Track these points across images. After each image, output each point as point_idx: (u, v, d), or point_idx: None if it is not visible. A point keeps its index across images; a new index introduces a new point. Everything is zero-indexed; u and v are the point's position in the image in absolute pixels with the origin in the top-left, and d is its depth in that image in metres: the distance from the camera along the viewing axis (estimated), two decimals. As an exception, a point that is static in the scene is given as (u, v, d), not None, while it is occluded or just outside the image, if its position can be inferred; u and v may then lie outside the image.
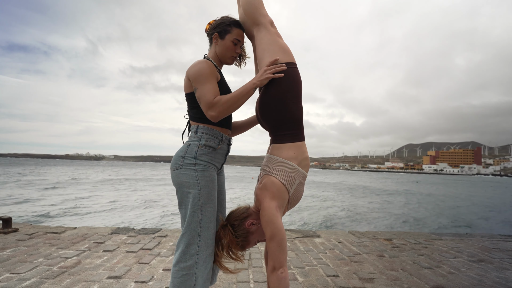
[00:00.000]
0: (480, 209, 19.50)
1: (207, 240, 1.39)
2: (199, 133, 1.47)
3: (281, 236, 1.31)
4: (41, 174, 41.64)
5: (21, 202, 15.47)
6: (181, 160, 1.42)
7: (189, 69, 1.46)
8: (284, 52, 1.54)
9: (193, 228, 1.37)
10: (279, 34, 1.63)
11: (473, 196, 30.11)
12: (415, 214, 16.08)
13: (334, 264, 2.72)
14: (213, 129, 1.48)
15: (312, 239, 3.54)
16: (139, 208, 15.08)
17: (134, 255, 2.77)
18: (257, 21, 1.60)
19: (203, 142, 1.44)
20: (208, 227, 1.39)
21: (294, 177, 1.42)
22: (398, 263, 2.79)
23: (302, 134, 1.51)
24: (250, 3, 1.59)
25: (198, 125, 1.49)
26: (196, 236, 1.37)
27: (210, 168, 1.45)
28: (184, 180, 1.40)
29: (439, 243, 3.59)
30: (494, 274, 2.59)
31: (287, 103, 1.46)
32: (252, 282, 2.25)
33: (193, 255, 1.36)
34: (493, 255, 3.16)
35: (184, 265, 1.35)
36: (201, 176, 1.40)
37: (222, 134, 1.51)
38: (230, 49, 1.56)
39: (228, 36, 1.55)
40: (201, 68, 1.42)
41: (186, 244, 1.37)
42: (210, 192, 1.41)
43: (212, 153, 1.47)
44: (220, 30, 1.55)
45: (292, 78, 1.49)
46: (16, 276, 2.19)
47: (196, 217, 1.37)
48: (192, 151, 1.43)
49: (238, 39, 1.57)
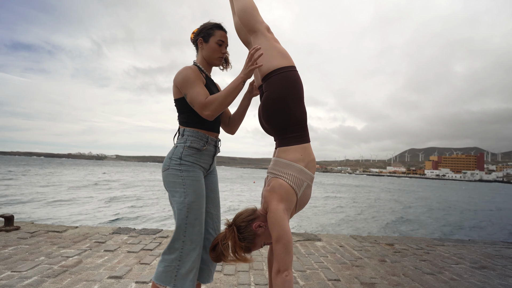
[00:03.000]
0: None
1: (192, 236, 1.47)
2: (185, 135, 1.56)
3: (288, 238, 1.30)
4: (65, 175, 41.30)
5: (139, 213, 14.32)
6: (169, 161, 1.52)
7: (175, 77, 1.54)
8: (282, 56, 1.55)
9: (180, 225, 1.46)
10: (276, 39, 1.64)
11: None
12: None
13: (336, 268, 2.70)
14: (198, 131, 1.57)
15: (313, 243, 3.52)
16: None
17: (135, 255, 2.77)
18: (254, 28, 1.62)
19: (188, 144, 1.53)
20: (193, 224, 1.47)
21: (302, 180, 1.42)
22: (400, 268, 2.77)
23: (307, 136, 1.52)
24: (246, 11, 1.62)
25: (185, 128, 1.58)
26: (181, 232, 1.45)
27: (195, 168, 1.53)
28: (171, 180, 1.50)
29: (441, 249, 3.57)
30: (496, 281, 2.56)
31: (290, 106, 1.47)
32: (253, 285, 2.24)
33: (177, 249, 1.45)
34: (496, 262, 3.13)
35: (167, 257, 1.46)
36: (186, 176, 1.49)
37: (207, 136, 1.59)
38: (216, 51, 1.63)
39: (212, 39, 1.62)
40: (186, 74, 1.51)
41: (172, 239, 1.48)
42: (195, 191, 1.49)
43: (197, 154, 1.55)
44: (204, 34, 1.63)
45: (292, 81, 1.50)
46: (17, 274, 2.20)
47: (182, 214, 1.45)
48: (178, 152, 1.52)
49: (222, 40, 1.63)
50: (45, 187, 23.14)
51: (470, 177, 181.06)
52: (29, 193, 18.83)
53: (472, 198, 34.56)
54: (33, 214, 12.30)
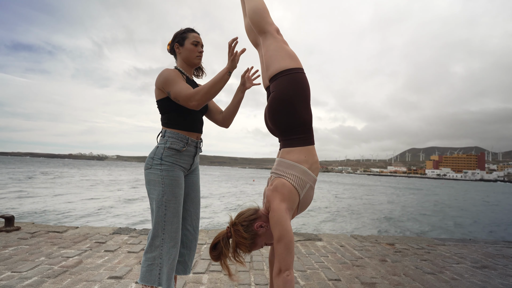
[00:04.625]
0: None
1: (171, 233, 1.53)
2: (166, 136, 1.61)
3: (289, 238, 1.29)
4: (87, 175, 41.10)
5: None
6: (151, 161, 1.58)
7: (157, 79, 1.60)
8: (291, 58, 1.55)
9: (158, 222, 1.52)
10: (285, 41, 1.65)
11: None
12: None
13: (336, 268, 2.70)
14: (178, 133, 1.62)
15: (314, 243, 3.52)
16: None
17: (135, 255, 2.77)
18: (264, 29, 1.63)
19: (168, 145, 1.59)
20: (171, 221, 1.53)
21: (305, 181, 1.42)
22: (401, 268, 2.77)
23: (312, 138, 1.52)
24: (256, 13, 1.63)
25: (166, 129, 1.63)
26: (160, 230, 1.52)
27: (175, 168, 1.59)
28: (152, 179, 1.56)
29: (442, 248, 3.56)
30: (498, 280, 2.55)
31: (296, 107, 1.47)
32: (254, 285, 2.23)
33: (158, 247, 1.51)
34: (497, 261, 3.12)
35: (150, 255, 1.52)
36: (165, 175, 1.55)
37: (188, 138, 1.63)
38: (192, 51, 1.70)
39: (187, 41, 1.70)
40: (166, 74, 1.57)
41: (152, 237, 1.53)
42: (173, 190, 1.55)
43: (177, 155, 1.60)
44: (179, 39, 1.71)
45: (299, 83, 1.50)
46: (17, 274, 2.20)
47: (160, 212, 1.52)
48: (159, 153, 1.58)
49: (196, 40, 1.71)
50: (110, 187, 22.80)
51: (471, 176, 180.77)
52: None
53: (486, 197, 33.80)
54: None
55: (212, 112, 1.85)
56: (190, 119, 1.65)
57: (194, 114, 1.68)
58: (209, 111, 1.85)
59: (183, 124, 1.63)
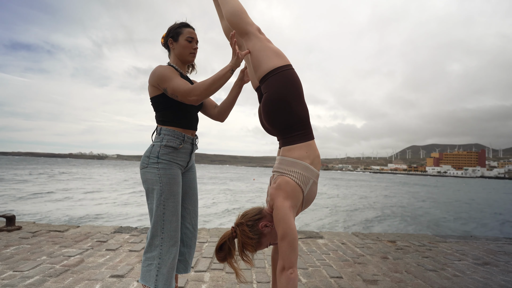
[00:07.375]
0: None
1: (170, 232, 1.51)
2: (162, 134, 1.58)
3: (293, 236, 1.29)
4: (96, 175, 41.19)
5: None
6: (147, 159, 1.55)
7: (150, 76, 1.57)
8: (278, 56, 1.53)
9: (157, 221, 1.50)
10: (269, 39, 1.62)
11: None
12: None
13: (338, 265, 2.70)
14: (174, 130, 1.59)
15: (315, 240, 3.52)
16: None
17: (136, 254, 2.77)
18: (245, 30, 1.59)
19: (164, 143, 1.56)
20: (170, 220, 1.51)
21: (308, 177, 1.41)
22: (402, 265, 2.77)
23: (311, 133, 1.50)
24: (234, 15, 1.59)
25: (161, 127, 1.60)
26: (159, 229, 1.50)
27: (172, 166, 1.56)
28: (149, 178, 1.53)
29: (444, 245, 3.56)
30: (499, 277, 2.55)
31: (292, 104, 1.45)
32: (256, 283, 2.23)
33: (157, 246, 1.49)
34: (499, 258, 3.12)
35: (149, 255, 1.50)
36: (163, 173, 1.52)
37: (184, 135, 1.61)
38: (186, 47, 1.66)
39: (181, 37, 1.66)
40: (160, 71, 1.54)
41: (151, 236, 1.51)
42: (171, 188, 1.53)
43: (173, 153, 1.58)
44: (173, 34, 1.67)
45: (291, 80, 1.48)
46: (19, 274, 2.20)
47: (159, 211, 1.50)
48: (155, 151, 1.55)
49: (191, 36, 1.67)
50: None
51: (472, 173, 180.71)
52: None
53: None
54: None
55: (207, 107, 1.81)
56: (185, 116, 1.63)
57: (190, 111, 1.66)
58: (204, 105, 1.82)
59: (179, 121, 1.60)
